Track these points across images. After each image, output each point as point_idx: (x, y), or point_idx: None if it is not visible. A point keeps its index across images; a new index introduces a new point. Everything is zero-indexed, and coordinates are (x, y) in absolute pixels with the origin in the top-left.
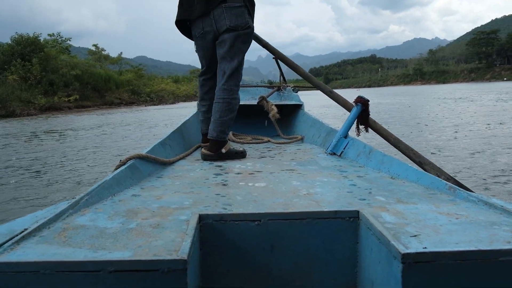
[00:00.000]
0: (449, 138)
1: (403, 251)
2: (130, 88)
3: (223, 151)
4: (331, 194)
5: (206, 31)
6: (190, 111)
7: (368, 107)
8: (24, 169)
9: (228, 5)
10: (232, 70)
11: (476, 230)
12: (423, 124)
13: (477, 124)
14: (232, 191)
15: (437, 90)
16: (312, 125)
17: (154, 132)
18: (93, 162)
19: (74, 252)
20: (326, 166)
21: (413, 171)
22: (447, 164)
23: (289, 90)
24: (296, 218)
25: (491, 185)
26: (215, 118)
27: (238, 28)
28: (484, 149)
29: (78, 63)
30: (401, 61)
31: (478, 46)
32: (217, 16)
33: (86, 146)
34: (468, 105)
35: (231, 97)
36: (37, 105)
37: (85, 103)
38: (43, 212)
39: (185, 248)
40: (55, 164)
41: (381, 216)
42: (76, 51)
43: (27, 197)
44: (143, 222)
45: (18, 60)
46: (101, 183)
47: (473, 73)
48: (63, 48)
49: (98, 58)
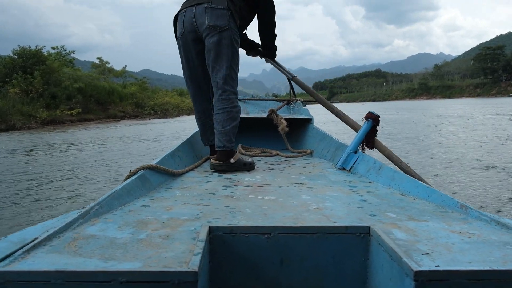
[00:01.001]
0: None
1: (416, 269)
2: (134, 101)
3: (232, 161)
4: (341, 209)
5: (186, 30)
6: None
7: (378, 123)
8: (10, 186)
9: (211, 5)
10: (224, 79)
11: (489, 250)
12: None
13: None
14: (242, 203)
15: (446, 105)
16: (321, 140)
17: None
18: (86, 180)
19: (84, 262)
20: (336, 181)
21: (423, 188)
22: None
23: (298, 104)
24: (306, 232)
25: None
26: (218, 130)
27: (217, 28)
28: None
29: (81, 76)
30: (406, 75)
31: (484, 61)
32: (198, 15)
33: (85, 161)
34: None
35: (231, 106)
36: (39, 118)
37: (88, 116)
38: (53, 222)
39: (196, 260)
40: (44, 181)
41: (392, 233)
42: (81, 64)
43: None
44: (153, 233)
45: (20, 73)
46: (111, 193)
47: (479, 88)
48: (67, 61)
49: (102, 71)
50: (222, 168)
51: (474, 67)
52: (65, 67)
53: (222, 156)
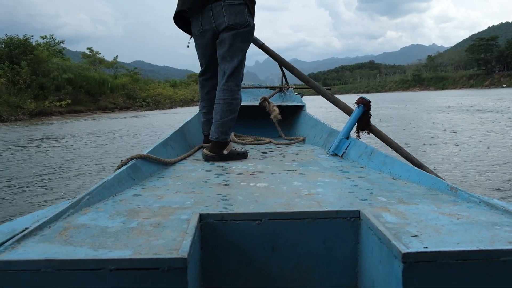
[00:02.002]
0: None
1: (404, 251)
2: (125, 93)
3: (225, 152)
4: (333, 194)
5: (205, 29)
6: (186, 117)
7: (370, 108)
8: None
9: (228, 2)
10: (232, 70)
11: (477, 230)
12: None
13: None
14: (234, 191)
15: (442, 96)
16: (313, 126)
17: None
18: (68, 176)
19: (75, 250)
20: (328, 167)
21: (414, 172)
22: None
23: (291, 91)
24: (297, 218)
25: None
26: (216, 119)
27: (237, 26)
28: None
29: (71, 66)
30: (400, 67)
31: (477, 52)
32: (216, 14)
33: (70, 157)
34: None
35: (232, 98)
36: (26, 110)
37: (77, 108)
38: (44, 212)
39: (186, 247)
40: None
41: (382, 216)
42: (73, 55)
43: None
44: (144, 222)
45: (6, 63)
46: (102, 183)
47: (472, 80)
48: (56, 51)
49: (93, 62)
50: (214, 159)
51: (468, 58)
52: (55, 57)
53: (215, 147)
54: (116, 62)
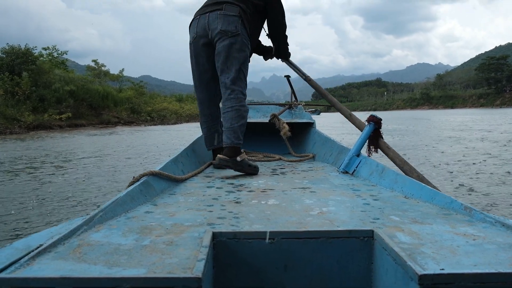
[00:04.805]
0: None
1: (421, 272)
2: (129, 106)
3: (238, 159)
4: (345, 213)
5: (199, 35)
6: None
7: (380, 126)
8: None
9: (223, 12)
10: (232, 80)
11: (494, 252)
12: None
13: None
14: (245, 209)
15: (458, 115)
16: (323, 144)
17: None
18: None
19: (89, 268)
20: (339, 185)
21: (427, 191)
22: None
23: (300, 108)
24: (310, 237)
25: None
26: (227, 127)
27: (228, 33)
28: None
29: (74, 78)
30: (407, 85)
31: (488, 71)
32: (211, 20)
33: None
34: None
35: (239, 105)
36: (23, 123)
37: (79, 122)
38: (58, 228)
39: (200, 266)
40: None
41: (396, 236)
42: (81, 69)
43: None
44: (157, 239)
45: (6, 74)
46: (115, 200)
47: (482, 99)
48: (59, 62)
49: (98, 74)
50: (227, 163)
51: (477, 77)
52: (57, 68)
53: (230, 152)
54: (122, 75)
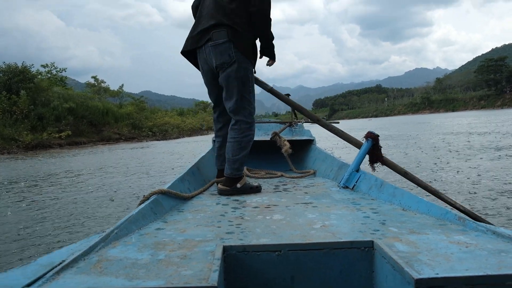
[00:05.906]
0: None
1: (417, 277)
2: (130, 122)
3: (238, 186)
4: (346, 226)
5: (204, 69)
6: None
7: (378, 142)
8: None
9: (212, 43)
10: (234, 111)
11: (485, 258)
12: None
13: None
14: (251, 224)
15: (460, 118)
16: (324, 160)
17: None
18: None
19: (111, 281)
20: (340, 199)
21: (424, 203)
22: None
23: (300, 126)
24: (314, 248)
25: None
26: (229, 157)
27: (224, 65)
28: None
29: (73, 95)
30: (407, 90)
31: (487, 73)
32: (207, 54)
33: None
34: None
35: (242, 136)
36: (22, 142)
37: (79, 139)
38: (77, 245)
39: (214, 276)
40: None
41: (394, 246)
42: (81, 86)
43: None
44: (171, 254)
45: (4, 93)
46: (128, 217)
47: (483, 101)
48: (57, 79)
49: (97, 91)
50: (228, 193)
51: (477, 80)
52: (56, 85)
53: (229, 182)
54: (122, 91)
